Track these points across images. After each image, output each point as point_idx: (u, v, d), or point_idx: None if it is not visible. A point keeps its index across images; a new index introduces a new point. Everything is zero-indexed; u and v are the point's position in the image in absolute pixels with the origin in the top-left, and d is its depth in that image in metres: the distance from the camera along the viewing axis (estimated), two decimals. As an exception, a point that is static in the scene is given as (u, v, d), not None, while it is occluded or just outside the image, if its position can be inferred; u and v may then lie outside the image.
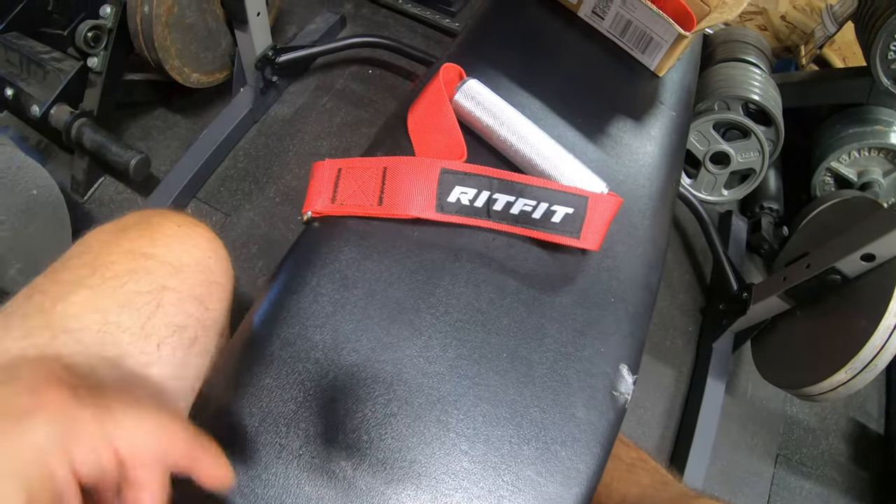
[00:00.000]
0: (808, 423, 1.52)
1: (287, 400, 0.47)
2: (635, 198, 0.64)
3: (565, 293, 0.55)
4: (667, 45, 0.76)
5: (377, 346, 0.49)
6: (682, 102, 0.79)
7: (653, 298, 0.58)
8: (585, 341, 0.52)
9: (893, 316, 1.01)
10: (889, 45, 1.41)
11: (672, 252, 1.64)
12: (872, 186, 1.61)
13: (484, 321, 0.51)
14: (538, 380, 0.50)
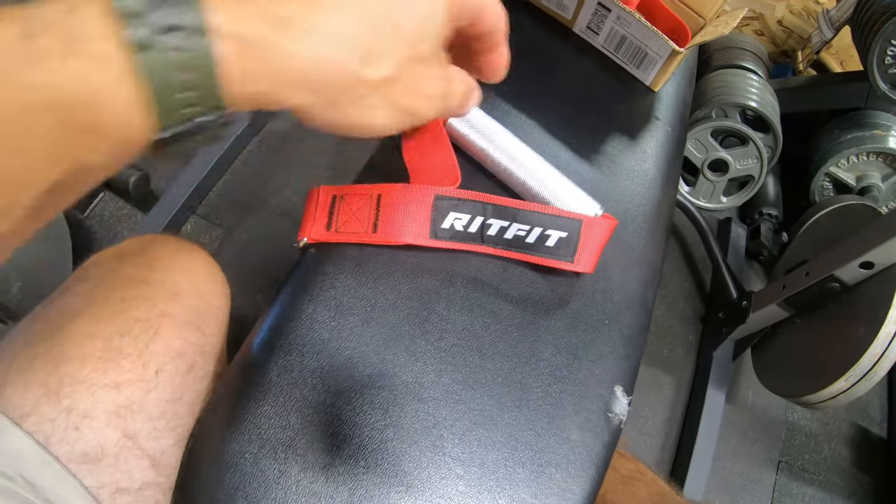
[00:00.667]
0: (810, 429, 1.52)
1: (285, 427, 0.47)
2: (630, 217, 0.64)
3: (559, 316, 0.55)
4: (661, 60, 0.76)
5: (373, 372, 0.50)
6: (677, 116, 0.79)
7: (648, 317, 0.58)
8: (580, 364, 0.53)
9: (893, 324, 1.01)
10: (886, 49, 1.41)
11: (671, 260, 1.65)
12: (871, 191, 1.62)
13: (478, 346, 0.52)
14: (532, 403, 0.51)
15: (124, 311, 0.49)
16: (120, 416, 0.46)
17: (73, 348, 0.45)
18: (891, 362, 1.01)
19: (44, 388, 0.44)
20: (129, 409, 0.46)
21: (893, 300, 1.01)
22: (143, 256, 0.54)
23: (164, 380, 0.49)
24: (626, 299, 0.57)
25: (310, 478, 0.46)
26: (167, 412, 0.49)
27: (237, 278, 0.58)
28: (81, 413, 0.44)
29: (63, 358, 0.45)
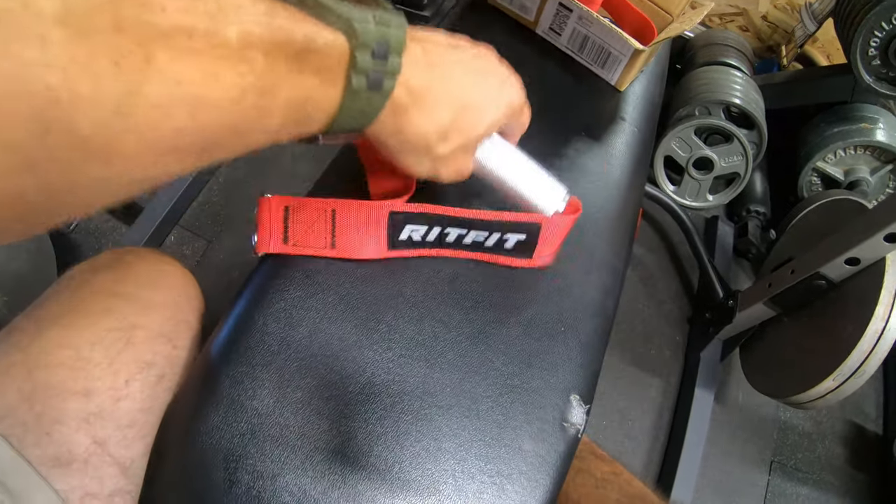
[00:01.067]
0: (802, 428, 1.51)
1: (235, 436, 0.47)
2: (592, 220, 0.63)
3: (513, 324, 0.54)
4: (625, 59, 0.75)
5: (320, 384, 0.49)
6: (645, 116, 0.78)
7: (609, 324, 0.57)
8: (533, 372, 0.52)
9: (880, 320, 1.00)
10: (869, 41, 1.40)
11: (657, 260, 1.63)
12: (860, 185, 1.60)
13: (427, 356, 0.51)
14: (483, 413, 0.49)
15: (96, 322, 0.50)
16: (90, 423, 0.47)
17: (46, 357, 0.47)
18: (879, 360, 1.00)
19: (18, 393, 0.45)
20: (99, 416, 0.47)
21: (880, 296, 1.00)
22: (118, 270, 0.56)
23: (135, 389, 0.50)
24: (584, 306, 0.56)
25: (259, 488, 0.45)
26: (137, 421, 0.50)
27: (219, 288, 0.58)
28: (52, 419, 0.45)
29: (37, 365, 0.47)
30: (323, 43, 0.35)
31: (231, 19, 0.30)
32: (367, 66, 0.38)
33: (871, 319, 1.00)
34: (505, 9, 0.82)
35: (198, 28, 0.28)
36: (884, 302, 1.00)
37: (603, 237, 0.62)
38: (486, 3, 0.86)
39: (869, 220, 1.03)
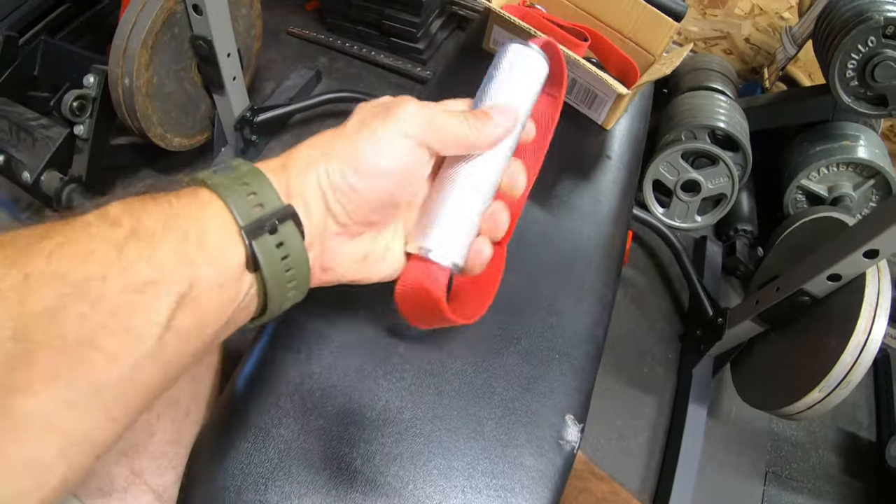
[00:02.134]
0: (796, 438, 1.55)
1: (264, 461, 0.52)
2: (581, 254, 0.68)
3: (511, 353, 0.59)
4: (611, 101, 0.81)
5: (340, 411, 0.54)
6: (630, 152, 0.84)
7: (599, 350, 0.62)
8: (531, 396, 0.57)
9: (862, 333, 1.04)
10: (846, 63, 1.47)
11: (649, 281, 1.69)
12: (844, 200, 1.66)
13: (436, 384, 0.56)
14: (487, 434, 0.55)
15: None
16: (128, 456, 0.52)
17: None
18: (863, 371, 1.04)
19: None
20: (135, 449, 0.52)
21: (861, 310, 1.04)
22: None
23: (165, 423, 0.55)
24: (576, 334, 0.62)
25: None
26: (168, 452, 0.55)
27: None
28: None
29: None
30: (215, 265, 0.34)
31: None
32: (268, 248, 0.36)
33: (854, 333, 1.04)
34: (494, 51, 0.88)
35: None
36: (865, 316, 1.04)
37: (592, 269, 0.67)
38: (478, 46, 0.93)
39: (848, 237, 1.08)
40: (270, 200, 0.37)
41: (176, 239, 0.32)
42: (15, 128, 1.39)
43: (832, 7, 1.52)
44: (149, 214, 0.33)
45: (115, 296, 0.29)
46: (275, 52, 2.07)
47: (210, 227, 0.34)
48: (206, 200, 0.35)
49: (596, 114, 0.84)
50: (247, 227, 0.35)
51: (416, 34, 1.98)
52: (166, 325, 0.31)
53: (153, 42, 1.31)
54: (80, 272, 0.28)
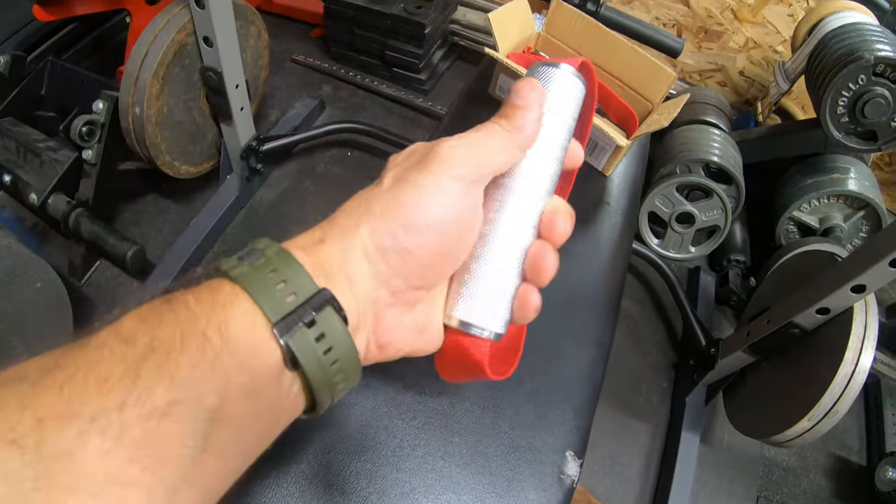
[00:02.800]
0: (787, 464, 1.58)
1: (286, 495, 0.56)
2: (581, 299, 0.73)
3: (517, 394, 0.64)
4: (610, 150, 0.86)
5: (357, 448, 0.58)
6: (628, 198, 0.88)
7: (597, 390, 0.67)
8: (534, 434, 0.61)
9: (850, 364, 1.08)
10: (837, 100, 1.51)
11: (643, 311, 1.73)
12: (834, 231, 1.71)
13: (446, 423, 0.60)
14: (495, 470, 0.59)
15: None
16: None
17: None
18: (850, 401, 1.08)
19: None
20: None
21: (849, 343, 1.08)
22: None
23: None
24: (576, 376, 0.66)
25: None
26: None
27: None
28: None
29: None
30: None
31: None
32: (306, 343, 0.32)
33: (841, 364, 1.08)
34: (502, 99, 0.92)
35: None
36: (852, 348, 1.08)
37: (591, 315, 0.72)
38: (484, 92, 0.97)
39: (837, 273, 1.12)
40: (304, 287, 0.33)
41: (197, 349, 0.29)
42: (22, 149, 1.42)
43: (824, 45, 1.57)
44: (164, 324, 0.29)
45: (137, 425, 0.26)
46: (279, 80, 2.12)
47: (237, 328, 0.31)
48: (230, 297, 0.32)
49: (597, 161, 0.89)
50: (280, 324, 0.31)
51: (419, 65, 2.03)
52: (201, 447, 0.28)
53: (164, 73, 1.35)
54: (96, 404, 0.26)
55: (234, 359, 0.30)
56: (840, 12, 1.66)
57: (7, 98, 1.46)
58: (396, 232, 0.36)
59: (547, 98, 0.43)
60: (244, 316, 0.31)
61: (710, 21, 2.01)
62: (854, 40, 1.49)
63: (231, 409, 0.29)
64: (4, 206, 1.57)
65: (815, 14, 1.71)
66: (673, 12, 2.04)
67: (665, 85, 0.92)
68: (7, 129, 1.44)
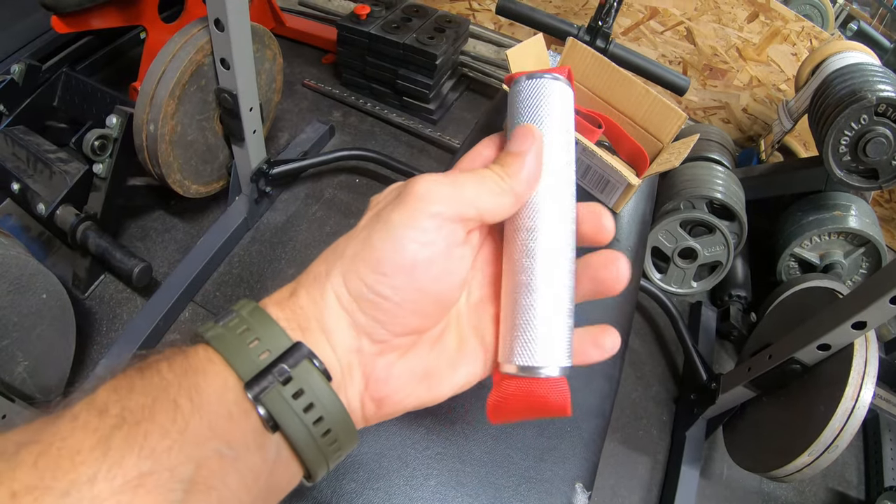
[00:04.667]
0: (786, 498, 1.58)
1: (297, 521, 0.57)
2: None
3: (528, 426, 0.65)
4: (622, 187, 0.88)
5: (371, 476, 0.60)
6: (636, 236, 0.90)
7: (606, 423, 0.68)
8: (545, 466, 0.63)
9: (850, 400, 1.09)
10: (839, 140, 1.54)
11: (645, 345, 1.74)
12: (835, 268, 1.72)
13: (459, 453, 0.62)
14: (506, 500, 0.60)
15: None
16: None
17: None
18: (850, 436, 1.09)
19: None
20: None
21: (849, 378, 1.09)
22: None
23: None
24: (586, 409, 0.68)
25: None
26: None
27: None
28: None
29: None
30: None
31: None
32: (280, 400, 0.30)
33: (842, 400, 1.09)
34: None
35: None
36: (853, 384, 1.09)
37: (601, 349, 0.73)
38: (499, 126, 1.00)
39: (837, 309, 1.13)
40: (278, 343, 0.31)
41: (167, 416, 0.27)
42: (32, 158, 1.43)
43: (827, 84, 1.60)
44: (136, 393, 0.28)
45: (110, 498, 0.24)
46: (290, 103, 2.15)
47: (209, 391, 0.29)
48: (203, 360, 0.30)
49: (607, 198, 0.90)
50: (252, 383, 0.29)
51: (429, 95, 2.06)
52: None
53: (180, 92, 1.37)
54: (68, 478, 0.24)
55: (206, 424, 0.28)
56: (843, 52, 1.69)
57: (20, 106, 1.48)
58: (367, 276, 0.33)
59: (547, 112, 0.38)
60: (216, 378, 0.29)
61: (716, 59, 2.05)
62: (857, 80, 1.52)
63: (210, 478, 0.27)
64: (11, 215, 1.56)
65: (819, 54, 1.74)
66: (679, 50, 2.08)
67: (676, 125, 0.95)
68: (19, 137, 1.44)
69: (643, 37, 2.09)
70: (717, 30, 2.02)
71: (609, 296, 0.40)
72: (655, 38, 2.08)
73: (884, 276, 1.02)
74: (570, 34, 1.42)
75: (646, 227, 0.93)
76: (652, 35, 2.08)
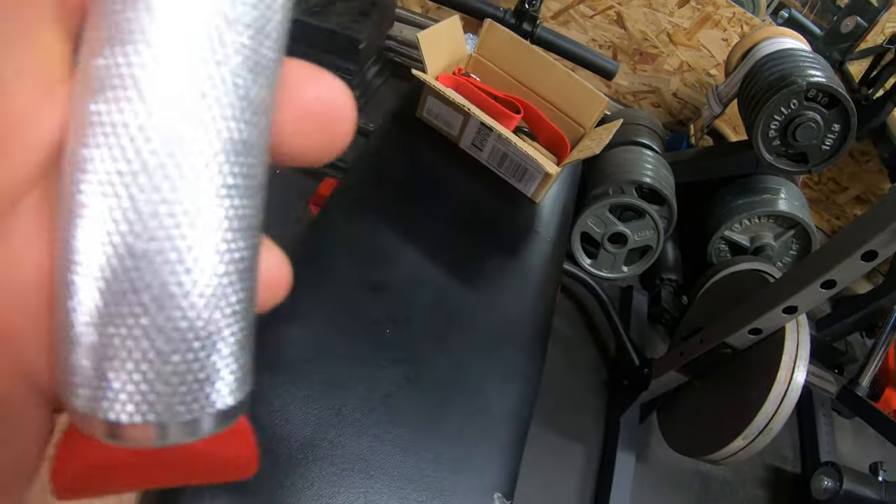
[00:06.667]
0: (723, 477, 1.60)
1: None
2: (508, 333, 0.71)
3: (440, 435, 0.61)
4: (540, 176, 0.85)
5: (269, 500, 0.55)
6: (557, 226, 0.87)
7: (525, 428, 0.65)
8: (460, 477, 0.59)
9: (783, 383, 1.09)
10: (769, 124, 1.55)
11: (576, 331, 1.73)
12: (765, 250, 1.74)
13: (365, 468, 0.57)
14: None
15: None
16: None
17: None
18: (784, 418, 1.08)
19: None
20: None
21: (781, 362, 1.09)
22: None
23: None
24: (502, 414, 0.64)
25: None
26: None
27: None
28: None
29: None
30: None
31: None
32: None
33: (775, 383, 1.08)
34: (431, 123, 0.90)
35: None
36: (785, 367, 1.09)
37: (518, 349, 0.70)
38: (412, 116, 0.95)
39: (769, 294, 1.13)
40: None
41: None
42: None
43: (758, 69, 1.60)
44: None
45: None
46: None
47: None
48: None
49: (526, 187, 0.87)
50: None
51: (353, 81, 1.99)
52: None
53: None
54: None
55: None
56: (774, 38, 1.70)
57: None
58: None
59: None
60: None
61: (646, 44, 2.04)
62: (787, 66, 1.52)
63: None
64: None
65: (750, 39, 1.75)
66: (609, 34, 2.06)
67: (597, 110, 0.92)
68: None
69: (573, 21, 2.06)
70: (647, 14, 2.01)
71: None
72: (585, 22, 2.05)
73: (814, 262, 1.02)
74: (496, 17, 1.38)
75: (568, 215, 0.90)
76: (582, 19, 2.06)
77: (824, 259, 0.99)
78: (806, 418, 1.76)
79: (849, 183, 2.27)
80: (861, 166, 2.21)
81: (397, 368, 0.62)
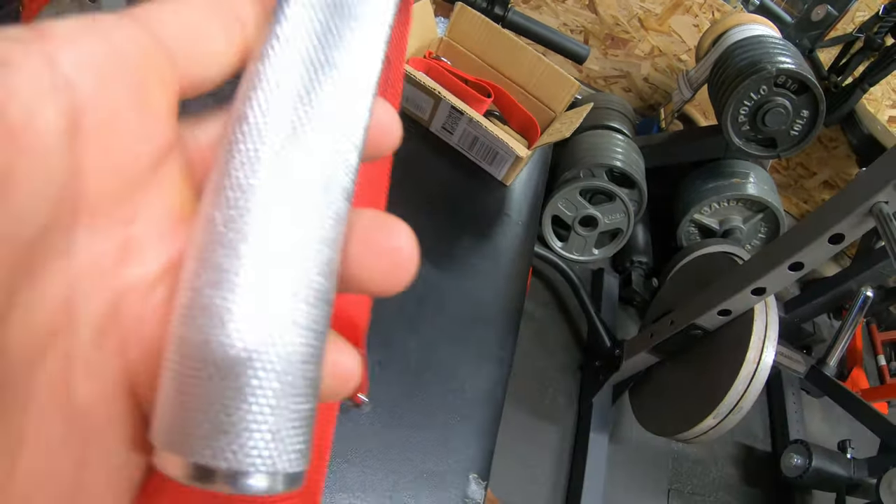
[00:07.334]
0: (696, 456, 1.63)
1: None
2: (480, 316, 0.71)
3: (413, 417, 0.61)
4: (511, 159, 0.85)
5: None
6: (528, 209, 0.88)
7: (499, 410, 0.65)
8: (436, 459, 0.59)
9: (752, 363, 1.11)
10: (739, 109, 1.57)
11: (548, 313, 1.74)
12: (734, 233, 1.77)
13: (343, 451, 0.58)
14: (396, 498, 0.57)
15: None
16: None
17: None
18: (754, 397, 1.11)
19: None
20: None
21: (751, 342, 1.11)
22: None
23: None
24: (476, 397, 0.65)
25: None
26: None
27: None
28: None
29: None
30: None
31: None
32: None
33: (744, 363, 1.11)
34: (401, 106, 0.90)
35: None
36: (754, 347, 1.11)
37: (491, 331, 0.70)
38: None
39: (738, 276, 1.15)
40: None
41: None
42: None
43: (728, 55, 1.62)
44: None
45: None
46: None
47: None
48: None
49: (496, 170, 0.87)
50: None
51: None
52: None
53: None
54: None
55: None
56: (744, 24, 1.71)
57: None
58: None
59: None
60: None
61: (617, 29, 2.05)
62: (757, 52, 1.54)
63: None
64: None
65: (720, 25, 1.76)
66: (581, 19, 2.06)
67: (568, 94, 0.93)
68: None
69: (545, 5, 2.06)
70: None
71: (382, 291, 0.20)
72: (557, 6, 2.05)
73: (782, 244, 1.04)
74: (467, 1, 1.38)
75: (539, 198, 0.90)
76: (554, 3, 2.05)
77: (792, 242, 1.01)
78: (776, 398, 1.80)
79: (817, 168, 2.31)
80: (829, 152, 2.25)
81: (369, 353, 0.62)
